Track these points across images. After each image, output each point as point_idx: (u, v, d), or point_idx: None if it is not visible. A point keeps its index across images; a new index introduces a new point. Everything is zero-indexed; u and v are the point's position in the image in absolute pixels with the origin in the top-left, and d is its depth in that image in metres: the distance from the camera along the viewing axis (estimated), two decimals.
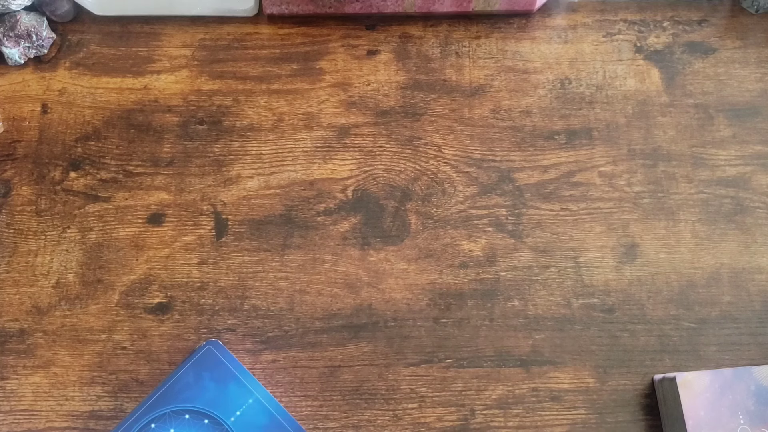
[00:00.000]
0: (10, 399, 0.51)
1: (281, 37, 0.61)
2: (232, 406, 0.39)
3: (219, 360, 0.39)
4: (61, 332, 0.53)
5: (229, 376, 0.39)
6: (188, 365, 0.38)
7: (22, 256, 0.55)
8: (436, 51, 0.61)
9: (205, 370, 0.39)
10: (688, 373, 0.48)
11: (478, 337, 0.53)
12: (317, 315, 0.53)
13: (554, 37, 0.61)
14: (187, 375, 0.38)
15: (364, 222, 0.56)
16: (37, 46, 0.59)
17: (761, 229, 0.56)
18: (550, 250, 0.55)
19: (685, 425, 0.47)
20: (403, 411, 0.51)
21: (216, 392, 0.39)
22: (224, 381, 0.39)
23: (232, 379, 0.39)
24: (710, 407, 0.47)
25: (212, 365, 0.39)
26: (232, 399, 0.39)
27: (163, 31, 0.61)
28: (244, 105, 0.59)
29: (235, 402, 0.39)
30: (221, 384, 0.39)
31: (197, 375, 0.39)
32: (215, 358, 0.39)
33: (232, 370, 0.39)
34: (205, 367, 0.39)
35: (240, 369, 0.39)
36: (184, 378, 0.38)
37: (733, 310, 0.54)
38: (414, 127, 0.58)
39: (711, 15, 0.62)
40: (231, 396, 0.39)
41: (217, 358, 0.39)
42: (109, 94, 0.59)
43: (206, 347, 0.39)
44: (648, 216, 0.56)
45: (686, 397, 0.47)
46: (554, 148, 0.58)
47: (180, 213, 0.56)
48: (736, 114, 0.59)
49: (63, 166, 0.57)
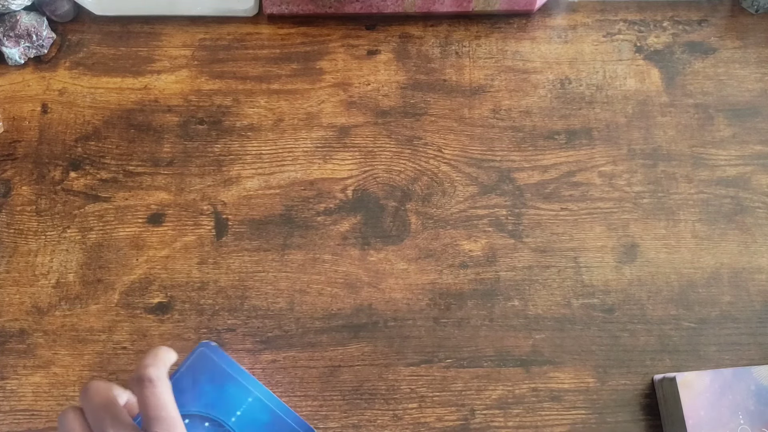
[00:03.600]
0: (10, 399, 0.51)
1: (281, 37, 0.61)
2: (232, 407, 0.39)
3: (213, 362, 0.39)
4: (61, 332, 0.53)
5: (225, 376, 0.39)
6: (182, 370, 0.38)
7: (22, 256, 0.55)
8: (436, 51, 0.61)
9: (201, 373, 0.39)
10: (688, 373, 0.48)
11: (478, 337, 0.53)
12: (317, 315, 0.53)
13: (554, 37, 0.61)
14: (182, 380, 0.38)
15: (364, 222, 0.56)
16: (37, 46, 0.59)
17: (761, 229, 0.56)
18: (550, 250, 0.55)
19: (685, 425, 0.47)
20: (403, 411, 0.51)
21: (214, 394, 0.39)
22: (221, 382, 0.39)
23: (229, 380, 0.39)
24: (710, 407, 0.47)
25: (207, 367, 0.39)
26: (231, 399, 0.39)
27: (163, 31, 0.61)
28: (244, 105, 0.59)
29: (234, 402, 0.39)
30: (218, 385, 0.39)
31: (193, 379, 0.38)
32: (209, 360, 0.39)
33: (227, 371, 0.39)
34: (200, 370, 0.39)
35: (236, 369, 0.39)
36: (179, 383, 0.38)
37: (733, 310, 0.54)
38: (414, 127, 0.58)
39: (711, 15, 0.62)
40: (229, 397, 0.39)
41: (211, 360, 0.39)
42: (109, 94, 0.59)
43: (199, 350, 0.39)
44: (648, 216, 0.56)
45: (686, 397, 0.47)
46: (554, 148, 0.58)
47: (180, 213, 0.56)
48: (736, 114, 0.59)
49: (63, 166, 0.57)
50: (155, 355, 0.35)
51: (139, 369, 0.34)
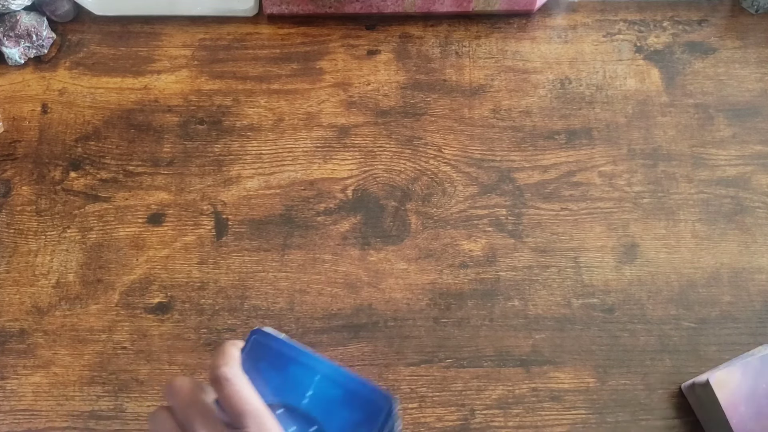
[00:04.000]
0: (10, 399, 0.51)
1: (281, 37, 0.61)
2: (301, 389, 0.37)
3: (269, 348, 0.38)
4: (61, 332, 0.53)
5: (285, 360, 0.37)
6: (243, 363, 0.37)
7: (22, 256, 0.55)
8: (436, 51, 0.61)
9: (260, 361, 0.37)
10: (719, 372, 0.48)
11: (478, 337, 0.53)
12: (317, 315, 0.53)
13: (554, 37, 0.61)
14: (246, 373, 0.37)
15: (364, 222, 0.56)
16: (37, 46, 0.59)
17: (761, 229, 0.56)
18: (550, 250, 0.55)
19: (729, 425, 0.46)
20: (403, 411, 0.51)
21: (279, 380, 0.37)
22: (282, 367, 0.37)
23: (290, 363, 0.37)
24: (748, 401, 0.47)
25: (265, 355, 0.38)
26: (297, 382, 0.37)
27: (163, 31, 0.61)
28: (244, 105, 0.59)
29: (301, 384, 0.37)
30: (281, 371, 0.37)
31: (254, 369, 0.37)
32: (265, 348, 0.38)
33: (286, 354, 0.38)
34: (259, 359, 0.37)
35: (294, 350, 0.38)
36: None
37: (733, 310, 0.54)
38: (414, 127, 0.58)
39: (711, 15, 0.62)
40: (295, 380, 0.37)
41: (267, 347, 0.38)
42: (109, 94, 0.59)
43: (252, 338, 0.38)
44: (648, 216, 0.56)
45: (723, 397, 0.47)
46: (554, 148, 0.58)
47: (180, 213, 0.56)
48: (736, 114, 0.59)
49: (63, 166, 0.57)
50: (223, 353, 0.35)
51: (213, 371, 0.34)
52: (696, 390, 0.50)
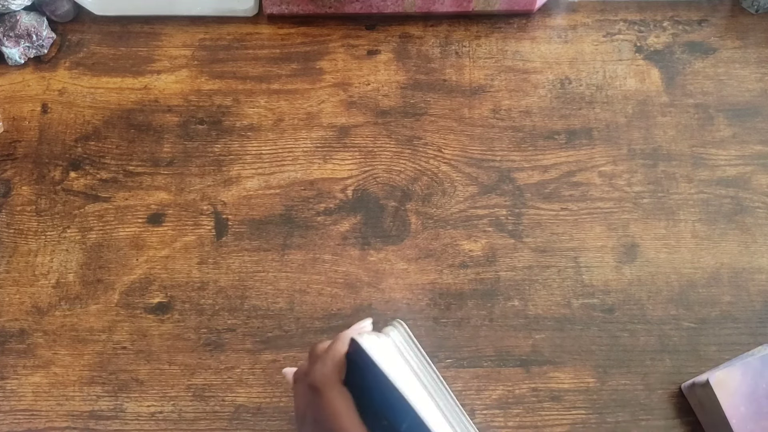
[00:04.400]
0: (10, 399, 0.51)
1: (281, 37, 0.61)
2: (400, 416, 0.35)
3: (370, 364, 0.34)
4: (61, 332, 0.53)
5: (384, 383, 0.34)
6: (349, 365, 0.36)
7: (22, 256, 0.55)
8: (436, 51, 0.61)
9: (364, 371, 0.35)
10: (718, 372, 0.48)
11: (478, 337, 0.53)
12: (317, 315, 0.53)
13: (554, 37, 0.61)
14: (353, 374, 0.35)
15: (364, 222, 0.56)
16: (37, 46, 0.59)
17: (761, 229, 0.56)
18: (550, 250, 0.55)
19: (730, 425, 0.46)
20: None
21: (379, 396, 0.35)
22: (383, 388, 0.34)
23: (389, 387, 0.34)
24: (748, 401, 0.47)
25: (367, 367, 0.35)
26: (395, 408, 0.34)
27: (163, 31, 0.61)
28: (244, 105, 0.59)
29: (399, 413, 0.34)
30: (381, 390, 0.34)
31: (361, 376, 0.35)
32: (368, 360, 0.35)
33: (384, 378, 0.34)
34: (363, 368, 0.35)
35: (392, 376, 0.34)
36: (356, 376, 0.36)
37: (733, 310, 0.54)
38: (414, 127, 0.58)
39: (711, 15, 0.62)
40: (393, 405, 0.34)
41: (369, 362, 0.35)
42: (109, 94, 0.59)
43: (354, 344, 0.35)
44: (648, 216, 0.56)
45: (723, 397, 0.47)
46: (554, 148, 0.58)
47: (180, 213, 0.56)
48: (736, 114, 0.59)
49: (63, 166, 0.57)
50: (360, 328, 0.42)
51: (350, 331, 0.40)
52: (696, 390, 0.50)
